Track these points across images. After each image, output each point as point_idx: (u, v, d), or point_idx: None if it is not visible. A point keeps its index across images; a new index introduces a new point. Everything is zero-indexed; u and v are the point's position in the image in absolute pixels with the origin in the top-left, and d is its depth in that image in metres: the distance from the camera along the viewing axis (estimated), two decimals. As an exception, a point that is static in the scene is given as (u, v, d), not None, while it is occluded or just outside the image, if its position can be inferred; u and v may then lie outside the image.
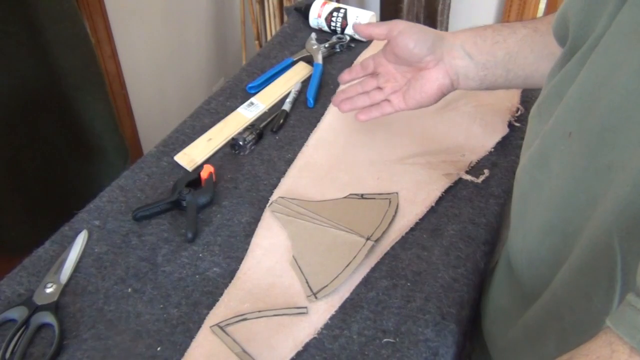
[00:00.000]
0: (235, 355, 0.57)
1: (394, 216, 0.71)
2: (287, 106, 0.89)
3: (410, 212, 0.72)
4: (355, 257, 0.65)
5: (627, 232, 0.40)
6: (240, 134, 0.83)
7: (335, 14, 1.04)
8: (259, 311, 0.61)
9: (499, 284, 0.66)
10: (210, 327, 0.60)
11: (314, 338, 0.59)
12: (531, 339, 0.56)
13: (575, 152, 0.46)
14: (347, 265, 0.64)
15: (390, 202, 0.72)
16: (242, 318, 0.60)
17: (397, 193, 0.74)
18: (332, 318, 0.61)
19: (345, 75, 0.80)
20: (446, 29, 2.13)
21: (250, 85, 0.92)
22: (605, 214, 0.42)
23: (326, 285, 0.63)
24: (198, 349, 0.58)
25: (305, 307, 0.61)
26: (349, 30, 1.03)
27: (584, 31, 0.48)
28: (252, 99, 0.90)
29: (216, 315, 0.61)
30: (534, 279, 0.56)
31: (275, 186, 0.76)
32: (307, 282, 0.63)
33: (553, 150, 0.50)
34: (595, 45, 0.45)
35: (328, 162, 0.79)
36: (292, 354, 0.57)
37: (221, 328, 0.59)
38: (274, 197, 0.74)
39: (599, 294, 0.44)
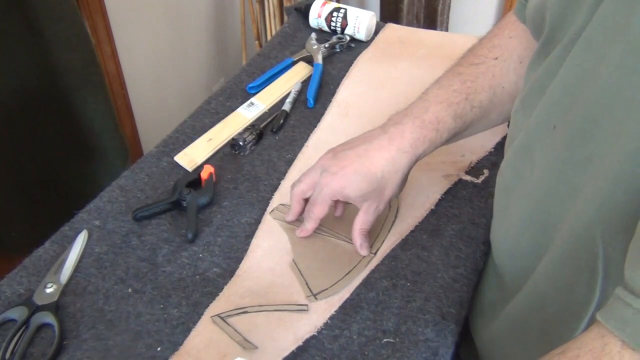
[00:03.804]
0: (237, 344, 0.57)
1: (394, 221, 0.71)
2: (287, 106, 0.89)
3: (410, 215, 0.72)
4: (355, 267, 0.65)
5: (608, 224, 0.41)
6: (240, 134, 0.83)
7: (335, 14, 1.04)
8: (260, 305, 0.61)
9: (486, 277, 0.66)
10: (211, 317, 0.60)
11: (314, 338, 0.59)
12: (514, 330, 0.57)
13: (558, 144, 0.46)
14: (347, 274, 0.65)
15: (390, 206, 0.72)
16: (242, 311, 0.60)
17: (397, 197, 0.74)
18: (332, 318, 0.61)
19: (289, 218, 0.70)
20: (446, 29, 2.13)
21: (250, 85, 0.92)
22: (586, 206, 0.43)
23: (326, 289, 0.63)
24: (198, 338, 0.58)
25: (306, 305, 0.61)
26: (349, 30, 1.03)
27: (562, 22, 0.48)
28: (252, 99, 0.90)
29: (216, 307, 0.61)
30: (515, 271, 0.56)
31: (275, 187, 0.76)
32: (306, 284, 0.63)
33: (537, 143, 0.50)
34: (576, 39, 0.44)
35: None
36: (293, 347, 0.57)
37: (222, 318, 0.60)
38: (274, 201, 0.74)
39: (581, 284, 0.45)
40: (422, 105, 0.65)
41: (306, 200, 0.67)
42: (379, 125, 0.66)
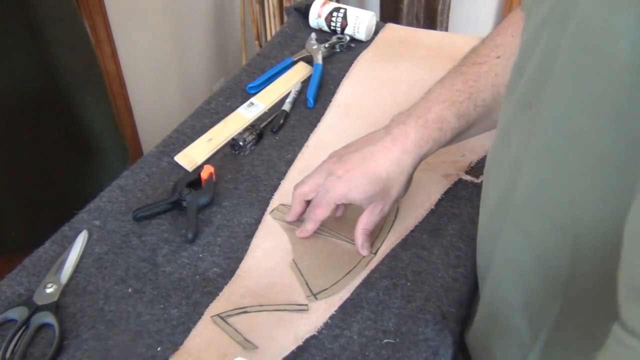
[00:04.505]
0: (237, 344, 0.57)
1: (394, 222, 0.71)
2: (287, 106, 0.89)
3: (410, 215, 0.72)
4: (355, 266, 0.65)
5: (579, 197, 0.41)
6: (240, 134, 0.83)
7: (335, 14, 1.04)
8: (260, 305, 0.61)
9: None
10: (212, 317, 0.60)
11: (315, 338, 0.59)
12: (493, 316, 0.56)
13: (531, 123, 0.46)
14: (347, 274, 0.65)
15: None
16: (242, 311, 0.60)
17: (401, 197, 0.73)
18: (332, 318, 0.61)
19: (289, 218, 0.70)
20: (446, 29, 2.13)
21: (250, 85, 0.92)
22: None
23: (326, 289, 0.63)
24: (198, 337, 0.58)
25: (306, 305, 0.61)
26: (348, 30, 1.03)
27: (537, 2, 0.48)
28: (252, 99, 0.90)
29: (217, 307, 0.61)
30: (486, 249, 0.56)
31: (275, 187, 0.76)
32: (307, 284, 0.63)
33: (514, 124, 0.49)
34: (549, 17, 0.44)
35: (328, 163, 0.79)
36: (293, 347, 0.57)
37: (222, 318, 0.60)
38: (274, 201, 0.74)
39: (559, 252, 0.45)
40: (425, 105, 0.65)
41: (308, 202, 0.67)
42: (383, 127, 0.66)
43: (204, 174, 0.75)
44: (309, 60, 0.99)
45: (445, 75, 0.67)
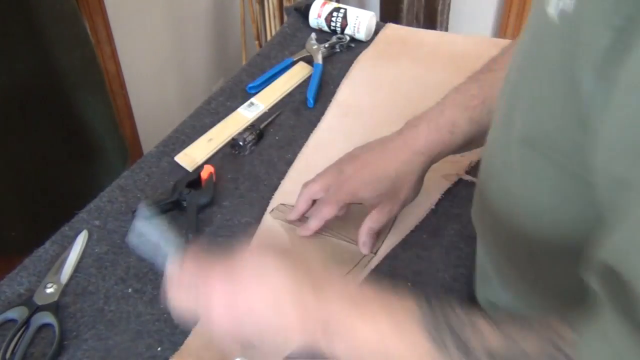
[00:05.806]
0: (237, 344, 0.57)
1: (394, 222, 0.71)
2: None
3: (410, 215, 0.72)
4: (355, 266, 0.65)
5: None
6: (240, 134, 0.83)
7: (335, 14, 1.04)
8: None
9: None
10: None
11: (314, 338, 0.59)
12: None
13: (498, 124, 0.49)
14: (347, 274, 0.64)
15: None
16: None
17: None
18: (332, 318, 0.61)
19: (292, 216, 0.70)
20: (446, 29, 2.13)
21: (250, 85, 0.92)
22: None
23: None
24: (198, 337, 0.58)
25: None
26: (348, 31, 1.03)
27: None
28: (252, 99, 0.90)
29: None
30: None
31: (275, 187, 0.76)
32: (307, 283, 0.63)
33: (492, 125, 0.52)
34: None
35: (328, 164, 0.79)
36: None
37: None
38: (274, 200, 0.74)
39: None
40: (438, 108, 0.65)
41: (313, 202, 0.67)
42: (397, 130, 0.67)
43: (204, 174, 0.75)
44: (309, 60, 0.99)
45: (462, 82, 0.68)
